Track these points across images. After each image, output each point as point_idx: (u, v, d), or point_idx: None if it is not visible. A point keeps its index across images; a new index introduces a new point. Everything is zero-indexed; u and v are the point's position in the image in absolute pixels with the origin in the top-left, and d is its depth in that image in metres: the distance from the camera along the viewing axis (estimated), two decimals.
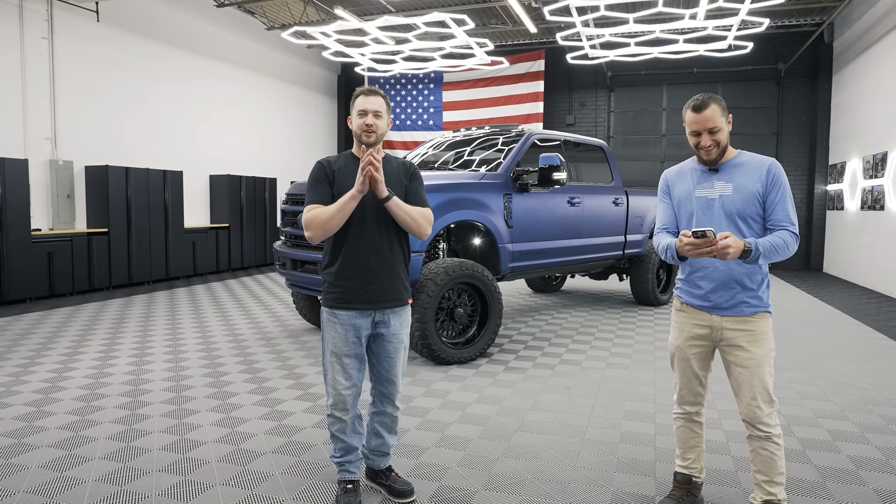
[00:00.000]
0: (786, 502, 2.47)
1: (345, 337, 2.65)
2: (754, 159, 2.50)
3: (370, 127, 2.64)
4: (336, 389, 2.68)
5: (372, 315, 2.67)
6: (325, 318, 2.70)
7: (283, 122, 14.20)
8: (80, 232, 8.77)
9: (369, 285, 2.64)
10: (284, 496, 2.82)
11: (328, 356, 2.68)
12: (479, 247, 5.75)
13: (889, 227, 9.33)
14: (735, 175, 2.47)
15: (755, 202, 2.42)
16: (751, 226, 2.44)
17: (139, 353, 5.44)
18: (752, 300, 2.45)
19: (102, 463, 3.15)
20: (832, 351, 5.70)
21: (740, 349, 2.45)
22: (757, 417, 2.42)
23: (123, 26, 9.93)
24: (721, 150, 2.47)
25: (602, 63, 13.07)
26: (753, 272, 2.45)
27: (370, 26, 9.77)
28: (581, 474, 3.07)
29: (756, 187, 2.42)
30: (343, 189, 2.61)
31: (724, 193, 2.47)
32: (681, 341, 2.61)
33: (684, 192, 2.59)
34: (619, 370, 5.02)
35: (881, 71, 9.92)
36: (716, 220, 2.47)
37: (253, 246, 12.38)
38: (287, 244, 5.78)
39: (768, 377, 2.43)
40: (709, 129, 2.43)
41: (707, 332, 2.53)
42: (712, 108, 2.42)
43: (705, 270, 2.51)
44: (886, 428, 3.73)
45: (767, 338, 2.46)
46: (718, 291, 2.47)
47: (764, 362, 2.43)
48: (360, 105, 2.66)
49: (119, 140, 9.93)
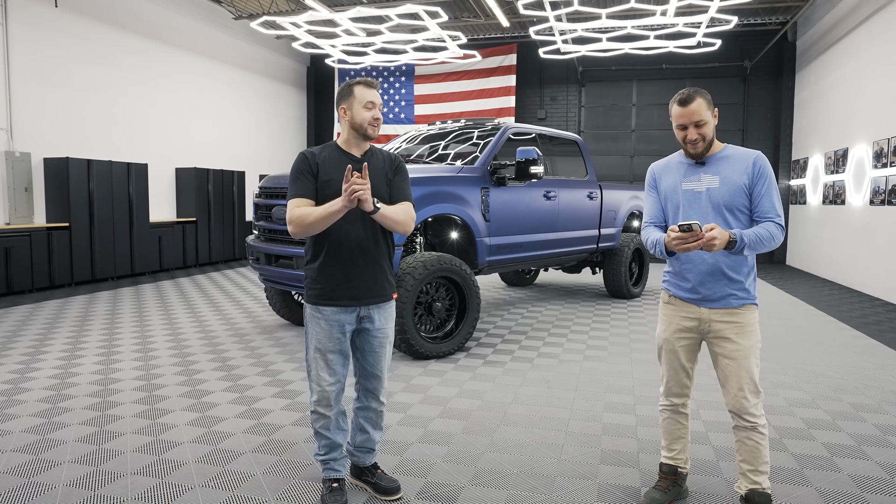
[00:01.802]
0: (770, 490, 2.51)
1: (329, 333, 2.59)
2: (740, 152, 2.52)
3: (378, 120, 2.59)
4: (320, 386, 2.62)
5: (357, 310, 2.63)
6: (308, 314, 2.64)
7: (251, 115, 13.92)
8: (39, 227, 8.44)
9: (353, 281, 2.59)
10: (267, 496, 2.75)
11: (312, 352, 2.62)
12: (456, 240, 5.72)
13: (849, 221, 9.63)
14: (722, 168, 2.49)
15: (742, 194, 2.44)
16: (738, 217, 2.46)
17: (106, 351, 5.26)
18: (740, 292, 2.47)
19: (73, 467, 3.02)
20: (800, 341, 5.85)
21: (728, 341, 2.47)
22: (743, 408, 2.45)
23: (83, 12, 9.56)
24: (707, 143, 2.49)
25: (573, 58, 13.15)
26: (740, 264, 2.47)
27: (342, 17, 9.62)
28: (566, 467, 3.07)
29: (742, 180, 2.44)
30: (328, 183, 2.54)
31: (710, 186, 2.48)
32: (669, 334, 2.62)
33: (671, 186, 2.60)
34: (597, 363, 5.06)
35: (842, 70, 10.21)
36: (703, 212, 2.48)
37: (221, 240, 12.11)
38: (260, 238, 5.66)
39: (755, 368, 2.46)
40: (695, 123, 2.45)
41: (695, 324, 2.55)
42: (698, 101, 2.43)
43: (692, 263, 2.52)
44: (856, 415, 3.83)
45: (754, 329, 2.48)
46: (706, 284, 2.49)
47: (751, 353, 2.46)
48: (366, 97, 2.57)
49: (80, 131, 9.58)
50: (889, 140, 8.19)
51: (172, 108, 11.56)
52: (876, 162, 8.61)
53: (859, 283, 9.16)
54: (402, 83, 14.64)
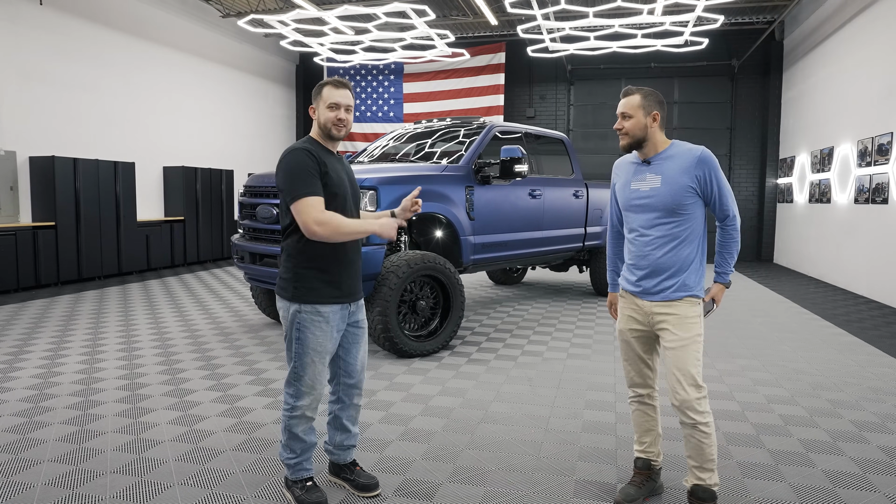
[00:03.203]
0: (717, 487, 2.54)
1: (330, 334, 2.59)
2: (683, 149, 2.53)
3: (342, 121, 2.59)
4: (316, 389, 2.61)
5: (349, 307, 2.67)
6: (305, 317, 2.54)
7: (239, 113, 13.87)
8: (24, 226, 8.39)
9: (351, 279, 2.65)
10: (245, 494, 2.76)
11: (311, 355, 2.55)
12: (441, 239, 5.74)
13: (834, 220, 9.72)
14: (665, 168, 2.53)
15: (684, 195, 2.48)
16: (678, 220, 2.51)
17: (90, 350, 5.25)
18: (677, 284, 2.52)
19: (52, 466, 3.02)
20: (782, 339, 5.90)
21: (667, 332, 2.53)
22: (684, 401, 2.46)
23: (68, 10, 9.50)
24: (632, 139, 2.54)
25: (562, 56, 13.18)
26: (680, 259, 2.52)
27: (329, 15, 9.61)
28: (544, 463, 3.10)
29: (684, 180, 2.47)
30: (332, 186, 2.54)
31: (653, 186, 2.54)
32: (622, 325, 2.72)
33: (623, 183, 2.69)
34: (581, 360, 5.09)
35: (827, 69, 10.29)
36: (646, 213, 2.56)
37: (209, 239, 12.08)
38: (245, 237, 5.65)
39: (694, 361, 2.48)
40: (622, 114, 2.54)
41: (641, 317, 2.63)
42: (634, 97, 2.53)
43: (636, 259, 2.62)
44: (833, 412, 3.88)
45: (693, 322, 2.50)
46: (647, 278, 2.57)
47: (689, 345, 2.48)
48: (330, 97, 2.56)
49: (65, 129, 9.52)
50: (873, 139, 8.27)
51: (160, 106, 11.51)
52: (860, 161, 8.70)
53: (844, 281, 9.25)
54: (392, 81, 14.63)
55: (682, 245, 2.51)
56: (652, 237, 2.55)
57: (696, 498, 2.53)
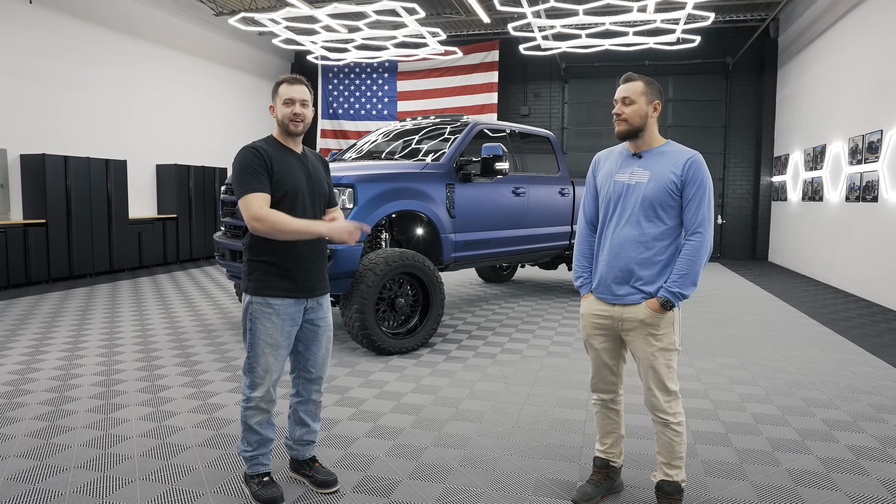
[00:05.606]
0: (684, 483, 2.54)
1: (281, 327, 2.60)
2: (677, 150, 2.49)
3: (297, 116, 2.61)
4: (266, 381, 2.62)
5: (304, 302, 2.66)
6: (256, 309, 2.60)
7: (233, 111, 13.88)
8: (15, 223, 8.42)
9: (306, 273, 2.65)
10: (205, 489, 2.77)
11: (261, 347, 2.59)
12: (421, 237, 5.74)
13: (826, 218, 9.68)
14: (655, 163, 2.47)
15: (668, 192, 2.42)
16: (662, 217, 2.44)
17: (72, 346, 5.26)
18: (648, 288, 2.45)
19: (16, 461, 3.03)
20: (766, 337, 5.89)
21: (638, 337, 2.47)
22: (654, 406, 2.47)
23: (58, 8, 9.51)
24: (630, 126, 2.46)
25: (556, 54, 13.16)
26: (651, 261, 2.45)
27: (320, 13, 9.60)
28: (508, 461, 3.10)
29: (670, 177, 2.42)
30: (282, 183, 2.55)
31: (640, 181, 2.47)
32: (588, 330, 2.63)
33: (606, 174, 2.60)
34: (559, 359, 5.08)
35: (821, 66, 10.25)
36: (629, 207, 2.48)
37: (202, 237, 12.10)
38: (227, 235, 5.66)
39: (665, 368, 2.45)
40: (623, 99, 2.46)
41: (608, 321, 2.55)
42: (636, 83, 2.47)
43: (604, 260, 2.53)
44: (806, 410, 3.87)
45: (666, 327, 2.45)
46: (617, 282, 2.49)
47: (662, 350, 2.45)
48: (285, 94, 2.61)
49: (56, 127, 9.54)
50: (864, 137, 8.24)
51: (153, 104, 11.52)
52: (851, 158, 8.66)
53: (835, 280, 9.21)
54: (385, 79, 14.62)
55: (659, 248, 2.44)
56: (628, 236, 2.46)
57: (663, 492, 2.53)
